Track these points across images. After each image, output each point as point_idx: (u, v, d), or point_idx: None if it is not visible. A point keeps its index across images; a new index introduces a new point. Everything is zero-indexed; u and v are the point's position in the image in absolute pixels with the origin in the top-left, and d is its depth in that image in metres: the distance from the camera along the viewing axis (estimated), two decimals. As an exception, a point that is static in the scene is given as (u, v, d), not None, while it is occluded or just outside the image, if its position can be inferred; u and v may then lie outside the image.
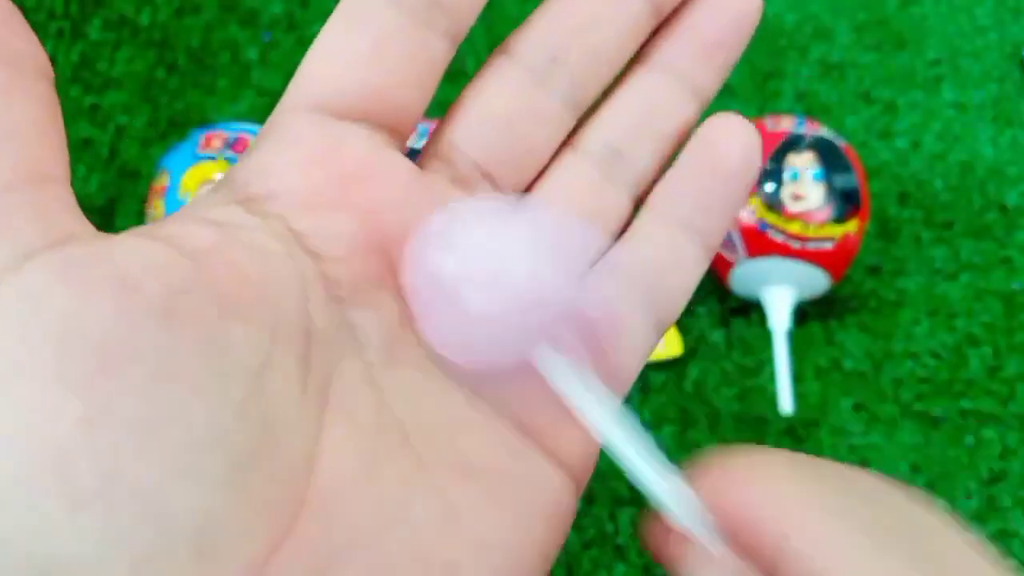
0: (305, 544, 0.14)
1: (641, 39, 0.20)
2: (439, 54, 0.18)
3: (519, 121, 0.19)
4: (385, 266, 0.17)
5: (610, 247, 0.20)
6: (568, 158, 0.20)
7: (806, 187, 0.43)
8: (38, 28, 0.52)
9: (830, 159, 0.43)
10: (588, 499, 0.42)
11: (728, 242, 0.44)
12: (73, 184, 0.16)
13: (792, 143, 0.43)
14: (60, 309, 0.13)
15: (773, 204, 0.42)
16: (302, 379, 0.15)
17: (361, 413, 0.16)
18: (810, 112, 0.52)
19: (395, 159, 0.18)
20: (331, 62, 0.18)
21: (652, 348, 0.20)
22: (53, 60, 0.51)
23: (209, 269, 0.15)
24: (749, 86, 0.53)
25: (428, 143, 0.20)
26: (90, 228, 0.15)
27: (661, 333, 0.20)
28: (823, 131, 0.44)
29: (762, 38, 0.55)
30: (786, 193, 0.42)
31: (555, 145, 0.20)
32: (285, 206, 0.17)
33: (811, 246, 0.43)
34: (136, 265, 0.14)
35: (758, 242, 0.43)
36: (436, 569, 0.16)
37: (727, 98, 0.53)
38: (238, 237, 0.16)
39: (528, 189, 0.20)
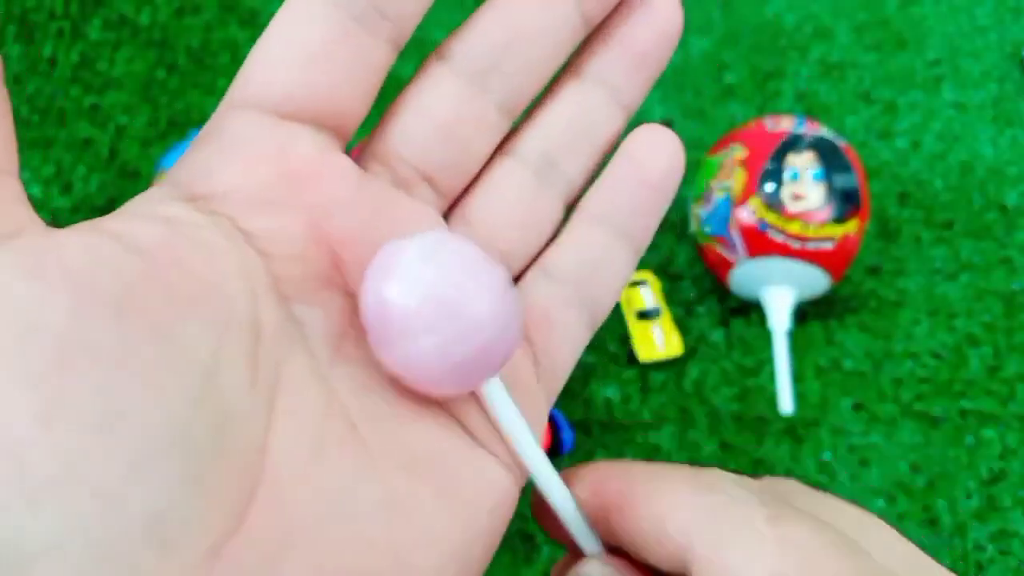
0: (257, 532, 0.15)
1: (572, 48, 0.21)
2: (381, 59, 0.19)
3: (457, 126, 0.20)
4: (332, 265, 0.18)
5: (545, 250, 0.21)
6: (504, 164, 0.21)
7: (806, 187, 0.43)
8: (38, 28, 0.52)
9: (830, 159, 0.43)
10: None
11: (728, 242, 0.44)
12: (73, 184, 0.16)
13: (792, 143, 0.43)
14: (17, 302, 0.14)
15: (773, 204, 0.42)
16: (252, 373, 0.16)
17: (309, 405, 0.16)
18: (810, 112, 0.52)
19: (340, 160, 0.18)
20: (276, 63, 0.18)
21: (584, 344, 0.21)
22: (53, 60, 0.51)
23: (159, 265, 0.15)
24: (749, 86, 0.53)
25: (367, 145, 0.20)
26: (40, 222, 0.15)
27: (594, 330, 0.21)
28: (823, 131, 0.44)
29: (762, 38, 0.55)
30: (786, 193, 0.42)
31: (490, 150, 0.21)
32: (232, 205, 0.17)
33: (811, 246, 0.43)
34: (87, 260, 0.14)
35: (758, 242, 0.43)
36: (383, 556, 0.16)
37: (727, 98, 0.53)
38: (186, 234, 0.16)
39: (465, 192, 0.21)
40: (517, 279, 0.21)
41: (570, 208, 0.22)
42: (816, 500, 0.18)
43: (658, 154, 0.21)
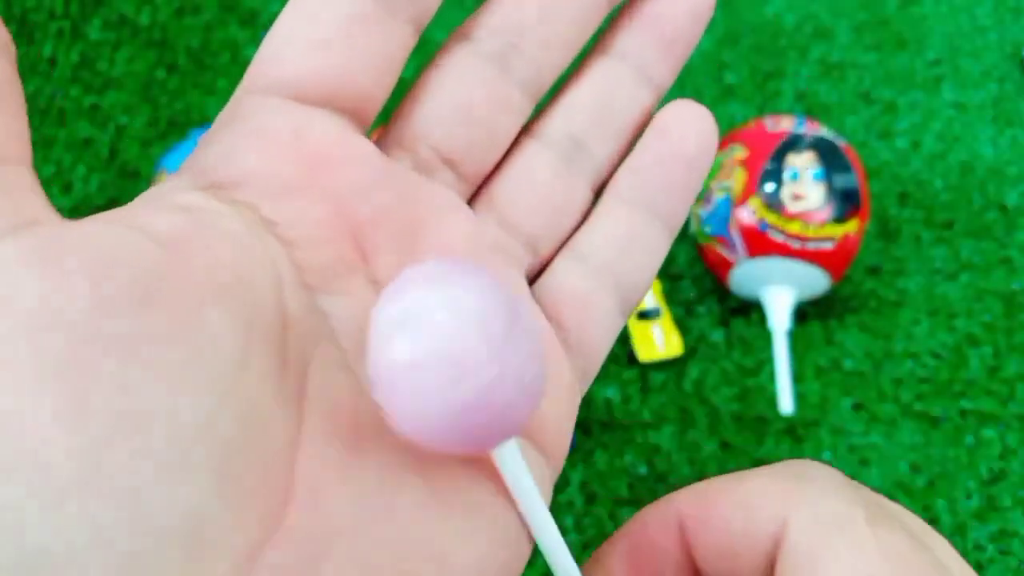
0: (295, 534, 0.14)
1: (595, 26, 0.20)
2: (402, 40, 0.18)
3: (480, 108, 0.19)
4: (356, 252, 0.17)
5: (575, 235, 0.20)
6: (530, 147, 0.20)
7: (806, 187, 0.43)
8: (38, 28, 0.52)
9: (830, 159, 0.43)
10: (588, 499, 0.42)
11: (728, 242, 0.44)
12: (73, 184, 0.16)
13: (792, 143, 0.43)
14: (33, 296, 0.13)
15: (773, 204, 0.42)
16: (280, 367, 0.15)
17: (339, 400, 0.16)
18: (810, 112, 0.52)
19: (361, 144, 0.18)
20: (293, 45, 0.18)
21: (618, 330, 0.20)
22: (53, 60, 0.51)
23: (181, 255, 0.15)
24: (749, 86, 0.53)
25: (388, 130, 0.19)
26: (54, 212, 0.15)
27: (627, 315, 0.21)
28: (823, 131, 0.44)
29: (762, 38, 0.55)
30: (786, 193, 0.42)
31: (515, 132, 0.20)
32: (253, 192, 0.17)
33: (811, 246, 0.43)
34: (107, 250, 0.14)
35: (758, 242, 0.43)
36: (423, 557, 0.15)
37: (727, 98, 0.53)
38: (208, 223, 0.16)
39: (490, 176, 0.20)
40: (546, 265, 0.20)
41: (599, 192, 0.21)
42: (884, 501, 0.18)
43: (690, 129, 0.20)
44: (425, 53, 0.20)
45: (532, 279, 0.20)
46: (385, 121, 0.20)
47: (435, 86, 0.19)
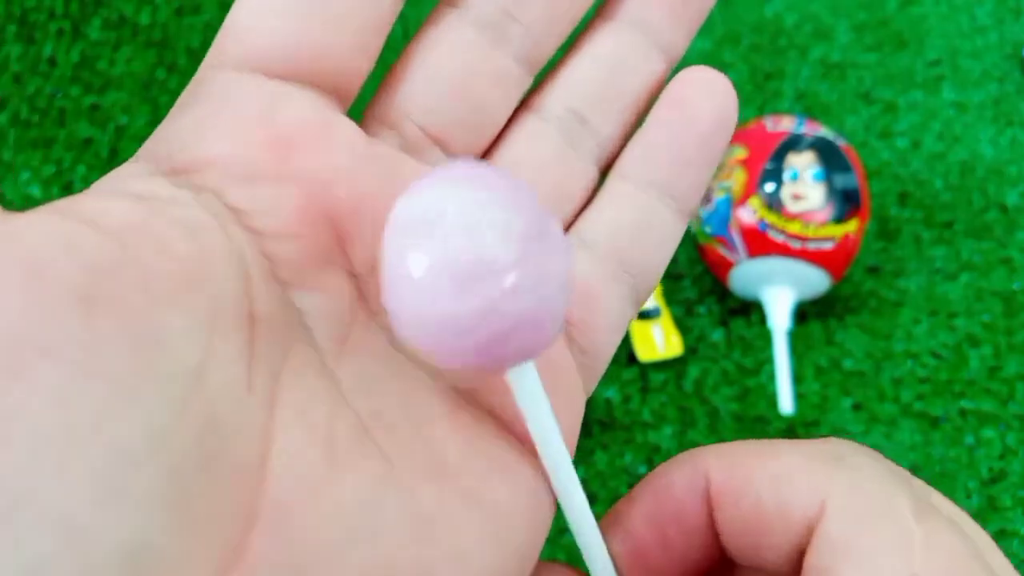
0: (260, 564, 0.13)
1: None
2: (385, 7, 0.16)
3: (471, 81, 0.17)
4: (334, 242, 0.16)
5: (579, 218, 0.19)
6: (528, 122, 0.18)
7: (806, 187, 0.43)
8: (38, 28, 0.52)
9: (830, 159, 0.43)
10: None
11: (728, 242, 0.44)
12: (73, 184, 0.15)
13: (792, 143, 0.43)
14: None
15: (773, 204, 0.42)
16: (247, 373, 0.13)
17: (316, 409, 0.14)
18: (810, 112, 0.52)
19: (340, 122, 0.16)
20: (262, 14, 0.16)
21: (628, 320, 0.19)
22: (53, 60, 0.51)
23: (134, 249, 0.13)
24: (749, 86, 0.53)
25: (372, 105, 0.18)
26: None
27: (639, 304, 0.19)
28: (823, 131, 0.44)
29: (762, 38, 0.55)
30: (786, 193, 0.42)
31: (511, 106, 0.18)
32: (217, 177, 0.15)
33: (811, 246, 0.43)
34: (48, 246, 0.12)
35: (758, 242, 0.43)
36: None
37: (727, 98, 0.53)
38: (166, 212, 0.14)
39: (485, 155, 0.18)
40: None
41: (606, 171, 0.19)
42: (930, 491, 0.16)
43: (707, 98, 0.18)
44: (421, 12, 0.19)
45: None
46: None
47: (422, 58, 0.17)
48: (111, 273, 0.12)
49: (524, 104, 0.19)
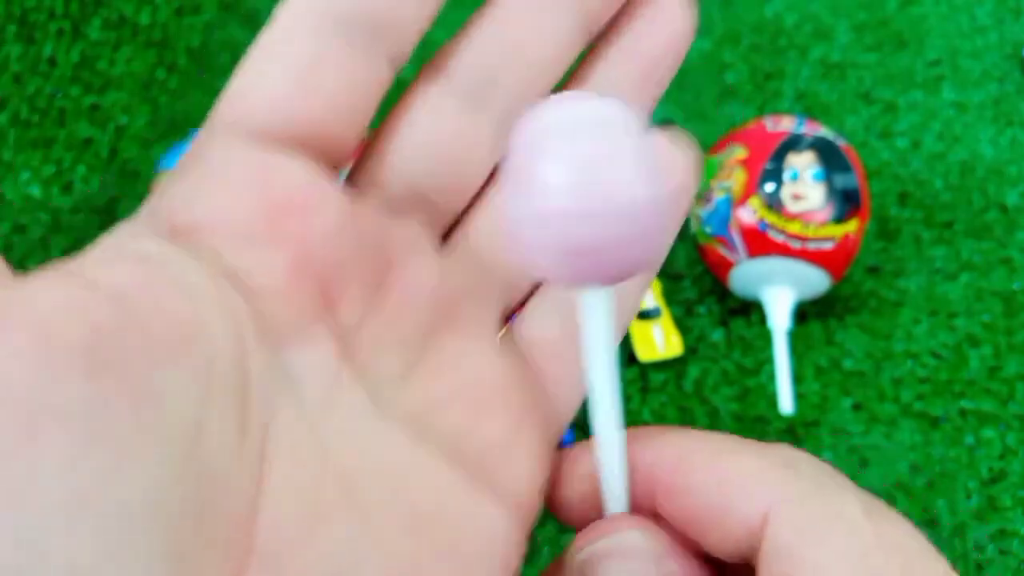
0: None
1: (571, 60, 0.20)
2: (377, 78, 0.18)
3: (455, 146, 0.19)
4: (322, 301, 0.17)
5: None
6: None
7: (806, 187, 0.43)
8: (38, 28, 0.52)
9: (830, 159, 0.43)
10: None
11: (728, 242, 0.44)
12: (73, 184, 0.16)
13: (792, 143, 0.43)
14: None
15: (773, 204, 0.42)
16: (239, 430, 0.14)
17: (302, 464, 0.15)
18: (810, 112, 0.52)
19: (328, 189, 0.17)
20: (261, 84, 0.17)
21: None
22: (53, 60, 0.51)
23: (135, 311, 0.14)
24: (749, 86, 0.53)
25: (359, 166, 0.19)
26: (7, 271, 0.14)
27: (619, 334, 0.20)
28: (823, 131, 0.44)
29: (762, 38, 0.55)
30: (786, 193, 0.42)
31: (490, 168, 0.19)
32: (214, 238, 0.16)
33: (811, 246, 0.43)
34: (56, 309, 0.13)
35: (758, 242, 0.43)
36: None
37: (727, 98, 0.53)
38: (165, 274, 0.15)
39: (465, 213, 0.19)
40: (525, 301, 0.20)
41: None
42: (879, 502, 0.16)
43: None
44: (426, 53, 0.20)
45: (509, 318, 0.20)
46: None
47: (408, 122, 0.19)
48: (113, 335, 0.13)
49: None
